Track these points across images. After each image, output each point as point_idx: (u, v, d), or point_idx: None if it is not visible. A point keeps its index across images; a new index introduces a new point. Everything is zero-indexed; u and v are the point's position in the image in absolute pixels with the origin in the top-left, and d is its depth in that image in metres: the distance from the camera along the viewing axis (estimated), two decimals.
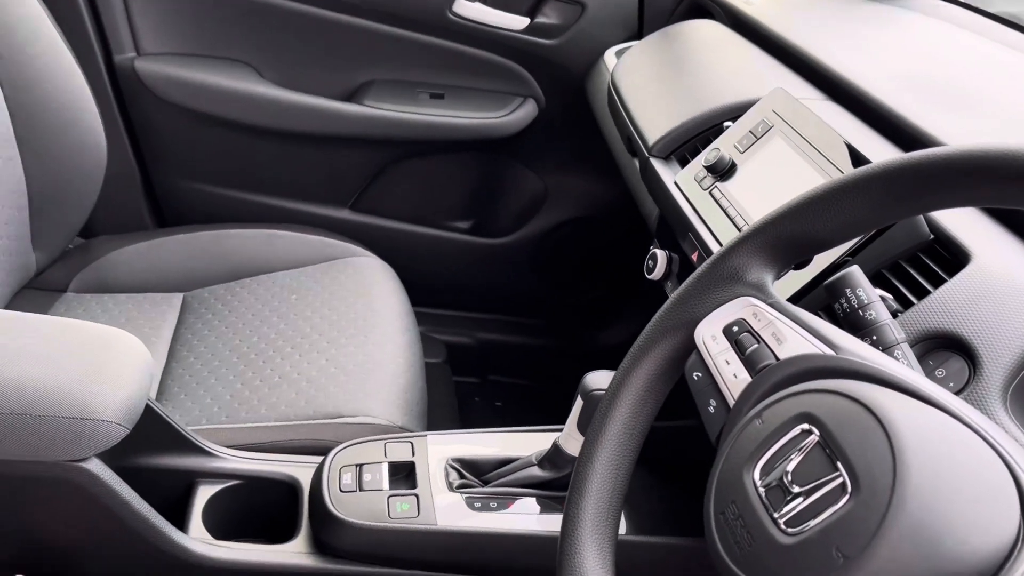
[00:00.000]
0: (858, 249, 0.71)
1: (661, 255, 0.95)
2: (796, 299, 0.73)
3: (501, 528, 0.83)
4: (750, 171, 0.86)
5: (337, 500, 0.83)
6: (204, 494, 0.87)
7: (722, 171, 0.88)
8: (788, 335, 0.51)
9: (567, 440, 0.83)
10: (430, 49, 1.47)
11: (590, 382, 0.80)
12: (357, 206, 1.59)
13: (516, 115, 1.50)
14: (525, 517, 0.85)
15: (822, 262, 0.72)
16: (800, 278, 0.73)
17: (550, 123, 1.53)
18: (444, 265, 1.65)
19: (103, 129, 1.24)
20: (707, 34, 1.24)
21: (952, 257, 0.69)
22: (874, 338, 0.57)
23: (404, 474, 0.88)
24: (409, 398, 1.13)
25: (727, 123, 0.95)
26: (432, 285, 1.64)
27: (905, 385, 0.45)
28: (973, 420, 0.44)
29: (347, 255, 1.36)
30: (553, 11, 1.44)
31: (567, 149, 1.57)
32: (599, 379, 0.78)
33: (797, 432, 0.44)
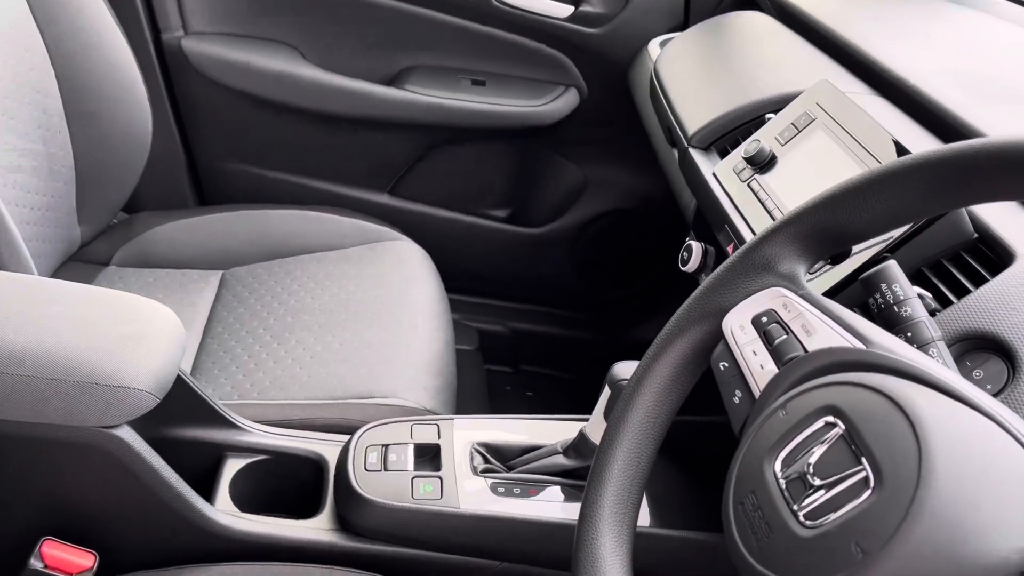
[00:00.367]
0: (898, 245, 0.69)
1: (696, 247, 0.94)
2: (831, 295, 0.71)
3: (523, 514, 0.83)
4: (790, 164, 0.85)
5: (362, 479, 0.84)
6: (232, 467, 0.89)
7: (761, 163, 0.86)
8: (818, 327, 0.50)
9: (593, 429, 0.82)
10: (473, 35, 1.46)
11: (618, 372, 0.79)
12: (395, 191, 1.60)
13: (557, 104, 1.49)
14: (548, 504, 0.84)
15: (859, 258, 0.70)
16: (836, 274, 0.71)
17: (591, 113, 1.52)
18: (480, 253, 1.65)
19: (149, 107, 1.26)
20: (753, 25, 1.22)
21: (996, 257, 0.67)
22: (909, 335, 0.55)
23: (429, 456, 0.88)
24: (439, 383, 1.14)
25: (769, 115, 0.93)
26: (467, 272, 1.64)
27: (936, 381, 0.44)
28: (1008, 421, 0.42)
29: (384, 239, 1.36)
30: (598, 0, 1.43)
31: (608, 140, 1.56)
32: (627, 369, 0.77)
33: (821, 424, 0.43)
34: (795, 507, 0.42)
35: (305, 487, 0.91)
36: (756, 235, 0.56)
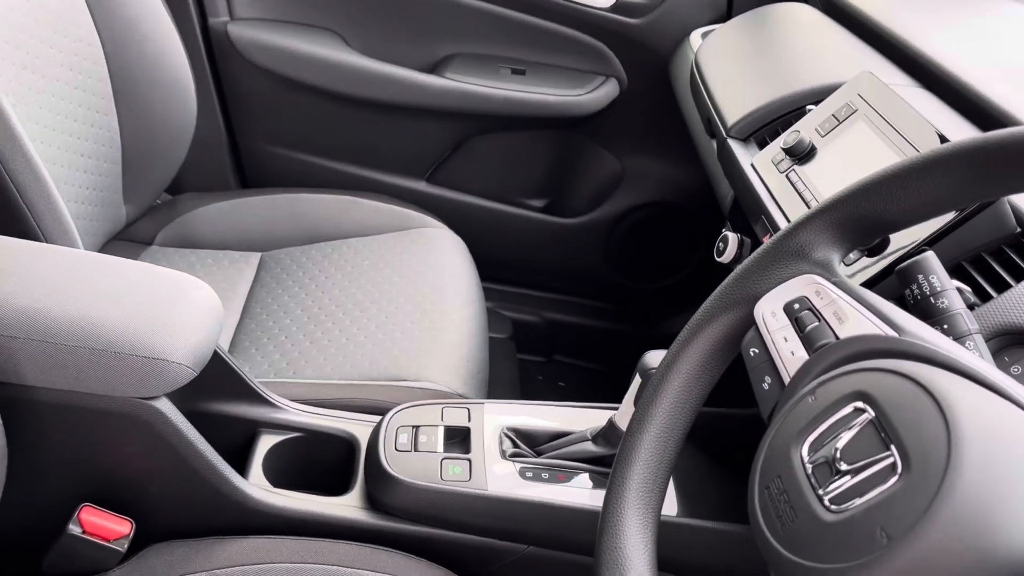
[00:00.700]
0: (937, 238, 0.68)
1: (732, 237, 0.93)
2: (867, 287, 0.70)
3: (551, 499, 0.83)
4: (830, 155, 0.84)
5: (392, 459, 0.85)
6: (265, 444, 0.90)
7: (800, 154, 0.85)
8: (850, 314, 0.49)
9: (623, 417, 0.82)
10: (514, 24, 1.46)
11: (649, 360, 0.79)
12: (433, 178, 1.61)
13: (597, 94, 1.49)
14: (575, 490, 0.85)
15: (897, 249, 0.69)
16: (873, 266, 0.70)
17: (631, 104, 1.52)
18: (515, 242, 1.65)
19: (195, 91, 1.28)
20: (797, 17, 1.20)
21: None
22: (945, 327, 0.54)
23: (459, 439, 0.89)
24: (471, 368, 1.14)
25: (810, 106, 0.92)
26: (502, 261, 1.65)
27: (969, 370, 0.43)
28: None
29: (420, 225, 1.37)
30: None
31: (647, 131, 1.55)
32: (658, 358, 0.77)
33: (850, 410, 0.43)
34: (821, 491, 0.42)
35: (336, 466, 0.92)
36: (791, 222, 0.55)
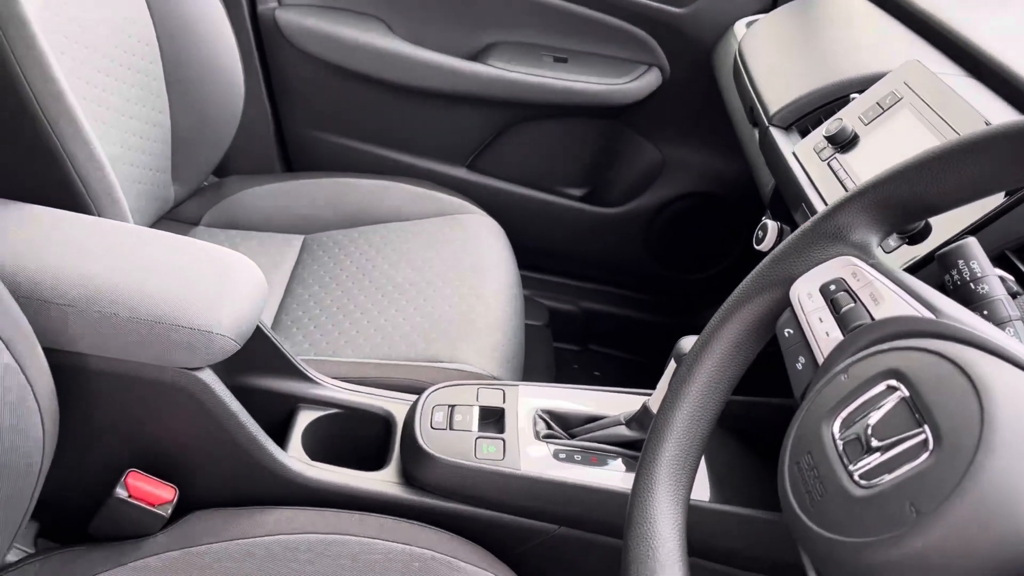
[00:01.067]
0: (981, 226, 0.67)
1: (772, 225, 0.93)
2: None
3: (583, 481, 0.84)
4: (872, 143, 0.83)
5: (427, 436, 0.86)
6: (304, 419, 0.92)
7: (843, 142, 0.85)
8: (886, 296, 0.49)
9: (657, 402, 0.83)
10: (557, 12, 1.47)
11: (684, 345, 0.79)
12: (473, 166, 1.62)
13: (639, 83, 1.49)
14: (608, 473, 0.85)
15: (939, 237, 0.68)
16: (914, 253, 0.70)
17: (673, 93, 1.51)
18: (554, 230, 1.66)
19: (243, 76, 1.31)
20: (843, 5, 1.19)
21: None
22: (985, 313, 0.54)
23: (493, 419, 0.90)
24: (506, 352, 1.15)
25: (854, 95, 0.91)
26: (540, 249, 1.66)
27: (1007, 352, 0.43)
28: None
29: (460, 211, 1.39)
30: None
31: (688, 121, 1.55)
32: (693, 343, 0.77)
33: (882, 388, 0.43)
34: (851, 467, 0.42)
35: (372, 442, 0.94)
36: (829, 204, 0.55)
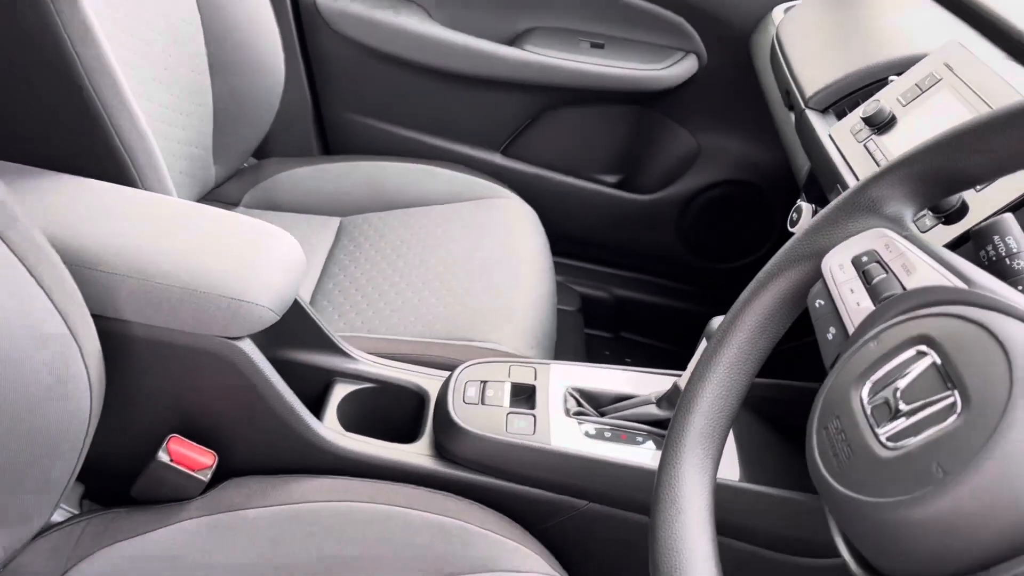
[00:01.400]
0: (1019, 204, 0.67)
1: (806, 208, 0.93)
2: None
3: (612, 457, 0.85)
4: (910, 125, 0.82)
5: (460, 410, 0.87)
6: (340, 392, 0.94)
7: (880, 124, 0.84)
8: (919, 266, 0.49)
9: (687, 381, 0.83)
10: None
11: (716, 324, 0.80)
12: (508, 151, 1.63)
13: (675, 69, 1.49)
14: (637, 450, 0.86)
15: (975, 216, 0.68)
16: (950, 232, 0.70)
17: (710, 80, 1.51)
18: (587, 217, 1.66)
19: (283, 60, 1.33)
20: None
21: None
22: (1020, 288, 0.54)
23: (525, 396, 0.91)
24: (537, 334, 1.16)
25: (892, 77, 0.91)
26: (573, 236, 1.66)
27: None
28: None
29: (495, 196, 1.40)
30: None
31: (724, 109, 1.54)
32: None
33: (912, 353, 0.43)
34: (878, 430, 0.42)
35: (405, 416, 0.96)
36: (863, 178, 0.55)
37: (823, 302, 0.54)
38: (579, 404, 0.91)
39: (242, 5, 1.24)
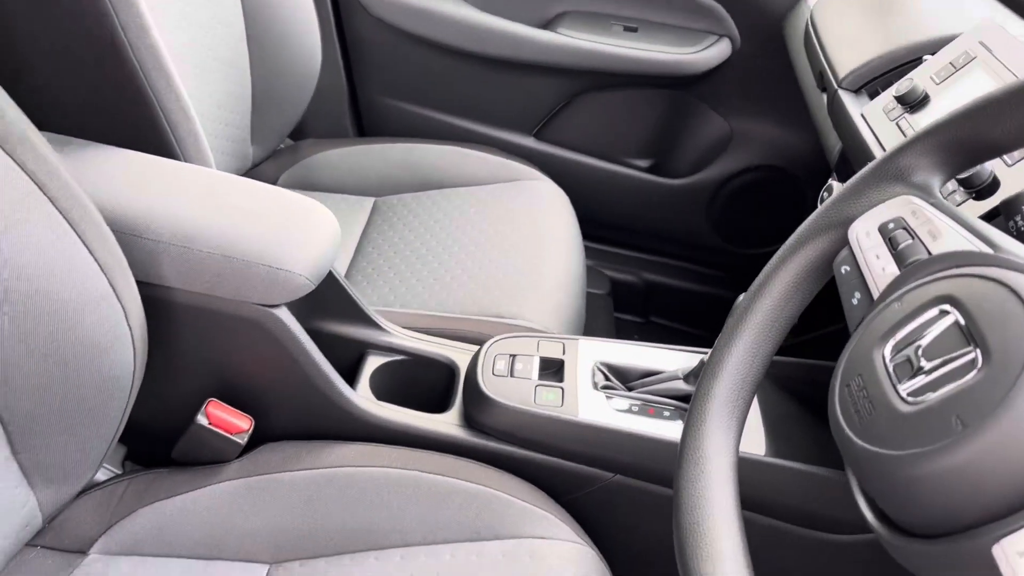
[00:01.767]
0: None
1: (837, 187, 0.93)
2: None
3: (639, 430, 0.86)
4: (943, 102, 0.82)
5: (489, 382, 0.89)
6: (372, 364, 0.96)
7: (913, 102, 0.84)
8: (945, 232, 0.50)
9: None
10: None
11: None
12: (541, 135, 1.64)
13: (708, 53, 1.49)
14: (664, 423, 0.87)
15: (1007, 191, 0.68)
16: (980, 208, 0.70)
17: (743, 64, 1.51)
18: (618, 201, 1.67)
19: (320, 42, 1.35)
20: None
21: None
22: None
23: (553, 370, 0.93)
24: (567, 313, 1.18)
25: (926, 57, 0.90)
26: (604, 220, 1.67)
27: None
28: None
29: (526, 178, 1.41)
30: None
31: (757, 93, 1.54)
32: None
33: (935, 313, 0.44)
34: (900, 386, 0.43)
35: (435, 389, 0.97)
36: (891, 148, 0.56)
37: (848, 268, 0.55)
38: (607, 379, 0.93)
39: None
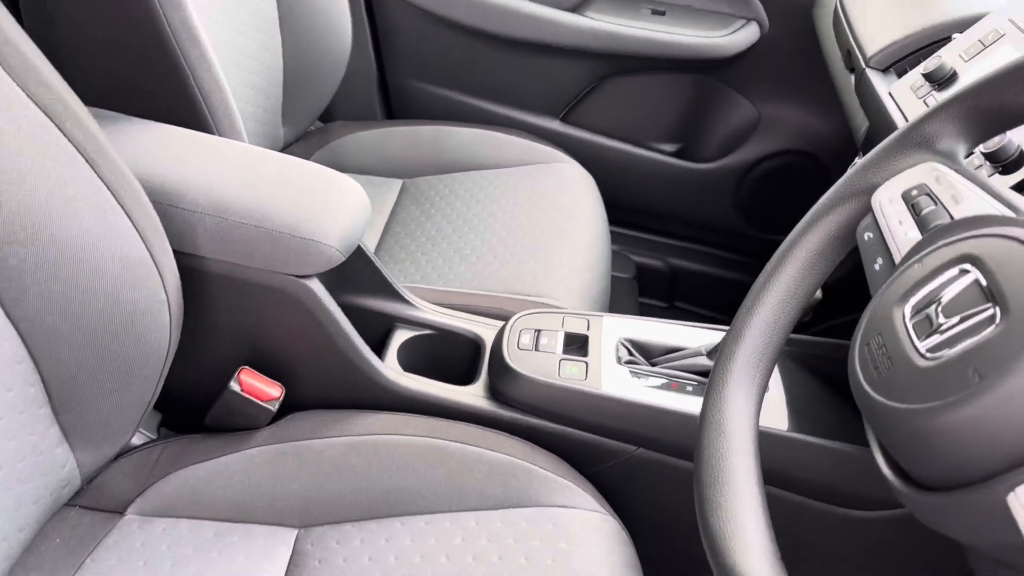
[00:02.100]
0: None
1: None
2: None
3: (662, 404, 0.87)
4: (971, 80, 0.82)
5: (514, 355, 0.90)
6: (400, 337, 0.98)
7: (941, 79, 0.84)
8: (967, 196, 0.50)
9: None
10: None
11: None
12: (568, 118, 1.65)
13: (736, 37, 1.49)
14: (687, 398, 0.88)
15: None
16: (1007, 181, 0.70)
17: (771, 48, 1.50)
18: (644, 185, 1.67)
19: (351, 25, 1.37)
20: None
21: None
22: None
23: (578, 345, 0.94)
24: (591, 293, 1.19)
25: (955, 35, 0.90)
26: (630, 204, 1.67)
27: None
28: None
29: (553, 160, 1.42)
30: None
31: (786, 77, 1.53)
32: None
33: (955, 272, 0.45)
34: (918, 343, 0.44)
35: (461, 362, 0.99)
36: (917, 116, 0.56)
37: (871, 235, 0.55)
38: (630, 354, 0.94)
39: None
